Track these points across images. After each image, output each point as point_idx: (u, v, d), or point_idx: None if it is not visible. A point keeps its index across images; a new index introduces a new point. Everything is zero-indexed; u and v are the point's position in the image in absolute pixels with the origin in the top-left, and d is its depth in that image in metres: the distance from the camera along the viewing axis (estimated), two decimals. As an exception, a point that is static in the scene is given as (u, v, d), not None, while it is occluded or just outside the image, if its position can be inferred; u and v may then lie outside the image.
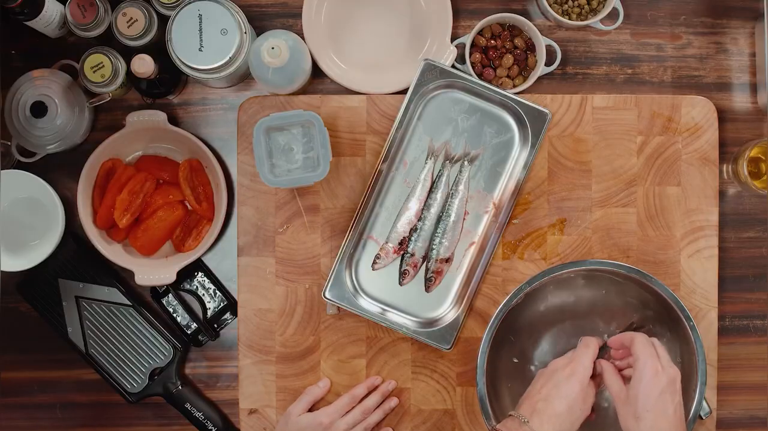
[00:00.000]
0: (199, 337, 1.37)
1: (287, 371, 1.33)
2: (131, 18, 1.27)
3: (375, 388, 1.32)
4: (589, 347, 1.17)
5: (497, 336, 1.24)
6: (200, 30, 1.24)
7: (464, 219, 1.32)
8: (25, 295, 1.35)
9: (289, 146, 1.26)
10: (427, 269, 1.32)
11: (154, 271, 1.33)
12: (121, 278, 1.37)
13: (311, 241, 1.34)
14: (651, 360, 1.11)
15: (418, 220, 1.32)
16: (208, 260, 1.38)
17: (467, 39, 1.33)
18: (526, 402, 1.14)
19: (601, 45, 1.38)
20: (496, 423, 1.21)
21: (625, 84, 1.38)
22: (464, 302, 1.31)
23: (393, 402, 1.32)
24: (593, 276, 1.28)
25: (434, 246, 1.31)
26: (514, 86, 1.35)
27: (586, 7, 1.35)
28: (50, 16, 1.27)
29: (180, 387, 1.34)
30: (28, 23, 1.26)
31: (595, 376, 1.17)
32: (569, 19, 1.35)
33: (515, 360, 1.29)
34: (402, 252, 1.32)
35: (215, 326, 1.37)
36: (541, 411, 1.11)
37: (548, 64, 1.36)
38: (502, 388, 1.28)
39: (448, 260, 1.32)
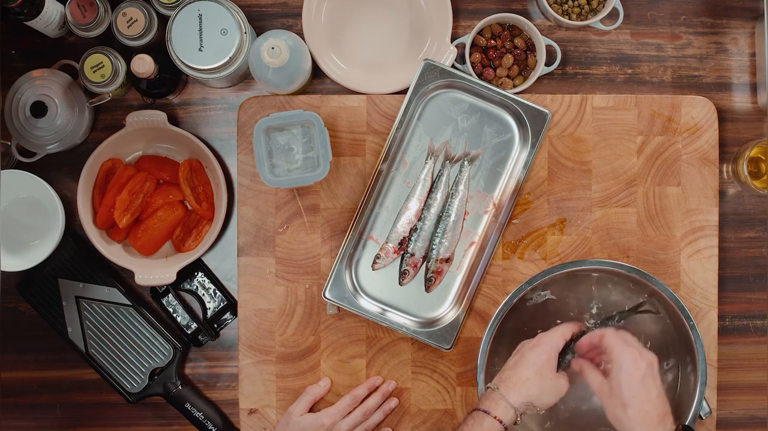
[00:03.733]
0: (199, 337, 1.37)
1: (287, 371, 1.33)
2: (131, 18, 1.27)
3: (376, 388, 1.32)
4: (558, 328, 1.19)
5: (497, 336, 1.24)
6: (200, 30, 1.24)
7: (464, 219, 1.32)
8: (25, 295, 1.35)
9: (289, 146, 1.26)
10: (427, 269, 1.32)
11: (154, 271, 1.33)
12: (121, 278, 1.37)
13: (311, 241, 1.34)
14: (627, 348, 1.13)
15: (418, 220, 1.32)
16: (208, 260, 1.38)
17: (467, 39, 1.33)
18: (497, 376, 1.17)
19: (601, 45, 1.38)
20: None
21: (625, 84, 1.38)
22: (464, 302, 1.31)
23: (393, 402, 1.32)
24: (592, 276, 1.28)
25: (434, 246, 1.31)
26: (514, 86, 1.35)
27: (586, 7, 1.35)
28: (50, 16, 1.27)
29: (180, 387, 1.34)
30: (28, 23, 1.26)
31: (570, 373, 1.19)
32: (569, 19, 1.35)
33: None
34: (402, 252, 1.32)
35: (215, 326, 1.38)
36: (507, 379, 1.15)
37: (548, 64, 1.36)
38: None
39: (448, 260, 1.32)
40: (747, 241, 1.37)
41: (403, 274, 1.32)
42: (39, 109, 1.28)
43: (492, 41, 1.36)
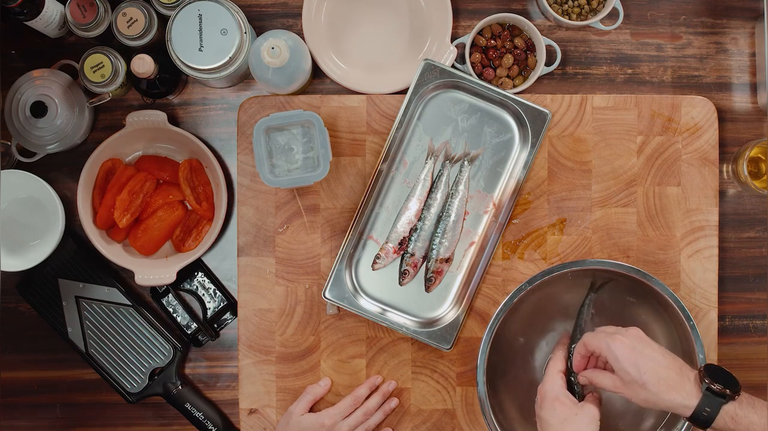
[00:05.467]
0: (199, 337, 1.37)
1: (287, 371, 1.33)
2: (131, 18, 1.27)
3: (376, 388, 1.32)
4: (548, 369, 1.20)
5: (497, 336, 1.24)
6: (200, 30, 1.24)
7: (464, 219, 1.32)
8: (25, 295, 1.35)
9: (289, 146, 1.26)
10: (427, 269, 1.32)
11: (154, 271, 1.33)
12: (121, 278, 1.37)
13: (311, 241, 1.34)
14: (610, 338, 1.13)
15: (418, 220, 1.32)
16: (208, 260, 1.38)
17: (467, 39, 1.33)
18: None
19: (601, 45, 1.38)
20: (496, 424, 1.22)
21: (625, 84, 1.38)
22: (464, 302, 1.31)
23: (393, 402, 1.32)
24: (592, 276, 1.28)
25: (434, 246, 1.31)
26: (514, 86, 1.35)
27: (586, 7, 1.35)
28: (50, 16, 1.27)
29: (180, 387, 1.34)
30: (28, 23, 1.26)
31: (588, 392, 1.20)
32: (569, 19, 1.35)
33: (516, 359, 1.30)
34: (402, 252, 1.32)
35: (215, 326, 1.38)
36: None
37: (548, 64, 1.36)
38: (502, 388, 1.28)
39: (448, 260, 1.32)
40: (747, 241, 1.37)
41: (403, 274, 1.32)
42: (39, 109, 1.28)
43: (492, 41, 1.36)
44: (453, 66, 1.34)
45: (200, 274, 1.37)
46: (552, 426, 1.14)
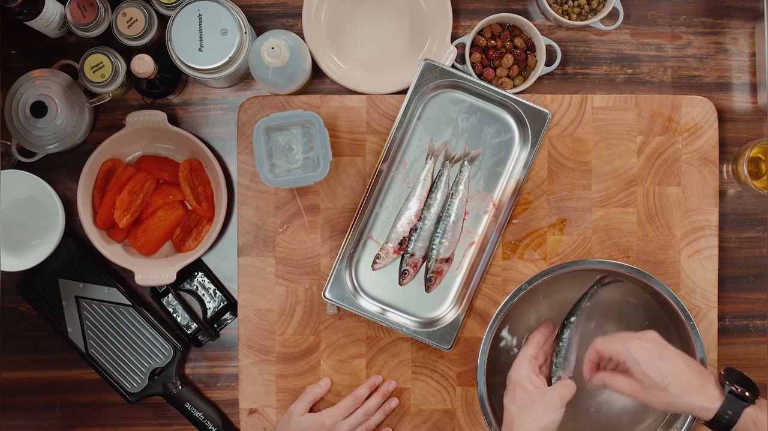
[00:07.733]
0: (199, 337, 1.37)
1: (287, 371, 1.33)
2: (131, 18, 1.28)
3: (376, 388, 1.32)
4: (520, 354, 1.19)
5: (497, 336, 1.24)
6: (200, 30, 1.24)
7: (464, 219, 1.32)
8: (25, 295, 1.35)
9: (289, 146, 1.26)
10: (427, 269, 1.32)
11: (154, 271, 1.33)
12: (121, 278, 1.37)
13: (311, 241, 1.34)
14: (627, 342, 1.12)
15: (418, 220, 1.32)
16: (208, 260, 1.38)
17: (467, 39, 1.33)
18: None
19: (601, 45, 1.38)
20: (496, 424, 1.22)
21: (625, 84, 1.38)
22: (464, 302, 1.31)
23: (393, 402, 1.32)
24: (591, 276, 1.28)
25: (434, 246, 1.31)
26: (514, 86, 1.35)
27: (586, 7, 1.35)
28: (50, 16, 1.27)
29: (180, 387, 1.34)
30: (28, 23, 1.26)
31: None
32: (569, 19, 1.35)
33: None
34: (402, 252, 1.32)
35: (215, 326, 1.38)
36: None
37: (548, 64, 1.36)
38: (502, 388, 1.27)
39: (448, 260, 1.32)
40: (747, 241, 1.37)
41: (403, 274, 1.32)
42: (39, 109, 1.28)
43: (492, 41, 1.36)
44: (453, 66, 1.34)
45: (200, 274, 1.37)
46: (510, 413, 1.12)
